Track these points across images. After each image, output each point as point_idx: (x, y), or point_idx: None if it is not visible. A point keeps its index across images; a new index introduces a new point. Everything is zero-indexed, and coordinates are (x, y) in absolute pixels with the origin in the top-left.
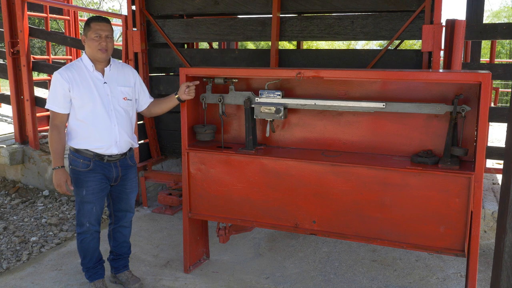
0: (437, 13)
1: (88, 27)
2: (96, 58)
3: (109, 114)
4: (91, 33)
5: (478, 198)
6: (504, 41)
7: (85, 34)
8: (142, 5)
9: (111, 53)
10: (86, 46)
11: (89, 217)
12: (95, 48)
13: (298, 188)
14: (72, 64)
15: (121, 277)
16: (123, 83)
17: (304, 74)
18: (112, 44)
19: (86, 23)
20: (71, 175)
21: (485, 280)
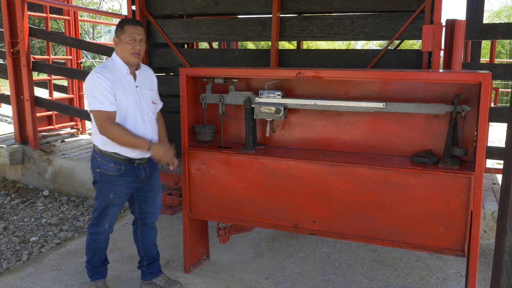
0: (437, 13)
1: (122, 29)
2: (128, 61)
3: (142, 118)
4: (125, 37)
5: (478, 198)
6: (504, 41)
7: (117, 36)
8: (142, 5)
9: (142, 56)
10: (118, 49)
11: (111, 220)
12: (128, 52)
13: (298, 188)
14: (107, 66)
15: (158, 281)
16: (150, 87)
17: (304, 74)
18: (144, 48)
19: (120, 25)
20: (98, 178)
21: (485, 280)
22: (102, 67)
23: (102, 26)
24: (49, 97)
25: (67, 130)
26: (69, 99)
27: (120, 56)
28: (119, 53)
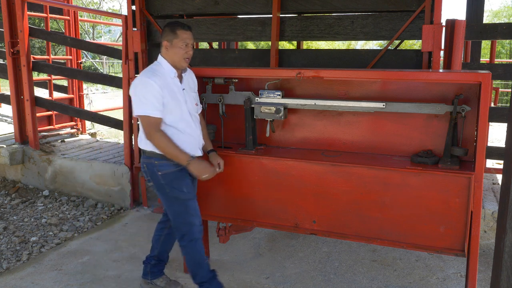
0: (437, 13)
1: (173, 34)
2: (179, 66)
3: (192, 119)
4: (178, 42)
5: (478, 198)
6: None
7: (169, 40)
8: (142, 5)
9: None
10: (169, 53)
11: (198, 215)
12: (181, 56)
13: (298, 188)
14: (155, 70)
15: (159, 282)
16: (193, 89)
17: (304, 74)
18: (192, 52)
19: (171, 29)
20: (164, 181)
21: (485, 280)
22: (151, 71)
23: (102, 26)
24: (49, 97)
25: (67, 130)
26: (69, 99)
27: (169, 60)
28: (169, 57)
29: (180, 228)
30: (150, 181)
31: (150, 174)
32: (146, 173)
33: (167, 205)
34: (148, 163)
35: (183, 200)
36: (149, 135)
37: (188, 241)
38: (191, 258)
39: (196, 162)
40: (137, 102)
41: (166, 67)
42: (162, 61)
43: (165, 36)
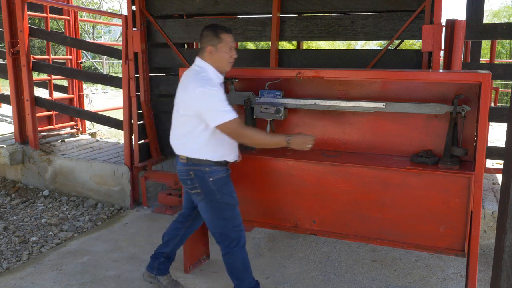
0: (437, 13)
1: (217, 38)
2: (223, 70)
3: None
4: (224, 46)
5: (478, 198)
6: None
7: (213, 45)
8: (142, 5)
9: None
10: (214, 58)
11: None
12: (226, 61)
13: (298, 188)
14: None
15: (162, 279)
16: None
17: (304, 74)
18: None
19: (214, 33)
20: (215, 187)
21: (485, 280)
22: (207, 79)
23: (102, 26)
24: (49, 97)
25: (67, 130)
26: (69, 99)
27: (214, 65)
28: (214, 62)
29: (229, 235)
30: (194, 189)
31: (199, 181)
32: (192, 181)
33: (214, 212)
34: (196, 170)
35: (233, 205)
36: (241, 135)
37: (240, 247)
38: (241, 263)
39: (295, 137)
40: (214, 112)
41: (212, 73)
42: (206, 66)
43: (208, 41)
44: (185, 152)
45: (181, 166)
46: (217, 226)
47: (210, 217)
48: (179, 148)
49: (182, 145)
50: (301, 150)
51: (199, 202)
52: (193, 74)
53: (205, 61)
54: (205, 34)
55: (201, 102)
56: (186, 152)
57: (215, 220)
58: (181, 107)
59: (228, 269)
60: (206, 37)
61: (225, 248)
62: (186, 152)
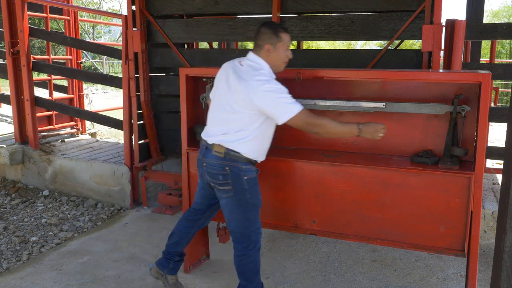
0: (437, 13)
1: (277, 37)
2: (277, 69)
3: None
4: (283, 45)
5: (478, 198)
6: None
7: (272, 44)
8: (142, 5)
9: None
10: (272, 56)
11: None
12: (283, 60)
13: (298, 188)
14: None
15: (170, 279)
16: None
17: (304, 74)
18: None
19: (274, 32)
20: (248, 186)
21: (485, 280)
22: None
23: (102, 26)
24: (49, 97)
25: (67, 130)
26: (69, 99)
27: (270, 63)
28: (271, 61)
29: (250, 236)
30: (225, 185)
31: (233, 178)
32: (225, 176)
33: (241, 212)
34: (233, 166)
35: (258, 207)
36: (314, 125)
37: (257, 249)
38: (254, 266)
39: (367, 126)
40: (283, 106)
41: (269, 71)
42: (263, 64)
43: (267, 39)
44: (228, 144)
45: (216, 160)
46: (240, 226)
47: (234, 216)
48: (220, 140)
49: (225, 137)
50: (373, 139)
51: (225, 199)
52: (251, 69)
53: (261, 58)
54: (263, 31)
55: (266, 100)
56: (229, 144)
57: (240, 219)
58: (236, 102)
59: (240, 269)
60: (265, 35)
61: (243, 249)
62: (229, 145)
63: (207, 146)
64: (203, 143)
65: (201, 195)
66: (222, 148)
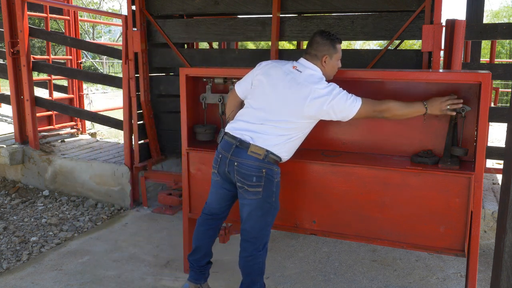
0: (437, 13)
1: (334, 49)
2: (329, 78)
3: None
4: (337, 56)
5: (478, 198)
6: (504, 41)
7: (329, 55)
8: (142, 5)
9: None
10: (328, 66)
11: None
12: (335, 70)
13: (298, 188)
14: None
15: (205, 285)
16: None
17: None
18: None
19: (332, 43)
20: (274, 189)
21: (485, 280)
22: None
23: (102, 26)
24: (49, 97)
25: (67, 130)
26: (69, 99)
27: (324, 73)
28: (326, 71)
29: (263, 238)
30: (256, 187)
31: (266, 180)
32: (259, 178)
33: (262, 213)
34: (269, 169)
35: (277, 210)
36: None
37: (265, 251)
38: (260, 267)
39: (432, 102)
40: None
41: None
42: (320, 73)
43: (326, 50)
44: (270, 147)
45: (254, 161)
46: (256, 227)
47: (254, 217)
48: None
49: (267, 139)
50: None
51: (250, 200)
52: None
53: (317, 67)
54: (322, 42)
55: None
56: (271, 147)
57: (258, 221)
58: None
59: (246, 270)
60: (324, 46)
61: (253, 250)
62: (271, 148)
63: (238, 145)
64: (232, 141)
65: (219, 197)
66: (261, 150)
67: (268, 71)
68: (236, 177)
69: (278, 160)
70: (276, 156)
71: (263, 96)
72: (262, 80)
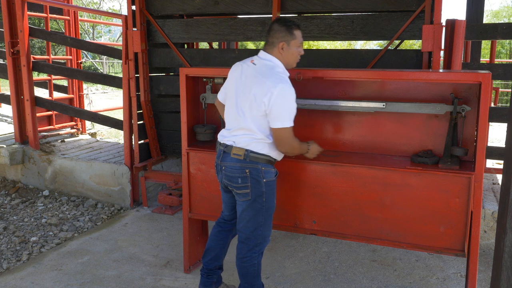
0: (437, 13)
1: (291, 34)
2: (290, 67)
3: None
4: (296, 42)
5: (478, 198)
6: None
7: (286, 41)
8: (142, 5)
9: None
10: (285, 54)
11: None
12: (296, 57)
13: (298, 188)
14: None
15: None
16: None
17: (304, 74)
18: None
19: (288, 29)
20: (265, 189)
21: (485, 280)
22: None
23: (102, 26)
24: (49, 97)
25: (67, 130)
26: (69, 99)
27: (283, 61)
28: (284, 59)
29: (256, 239)
30: (243, 189)
31: (252, 181)
32: (244, 179)
33: (253, 213)
34: (253, 168)
35: (271, 212)
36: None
37: (259, 253)
38: (255, 269)
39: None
40: (286, 113)
41: (284, 71)
42: (278, 63)
43: (282, 36)
44: (248, 145)
45: (235, 163)
46: (248, 228)
47: (245, 216)
48: (240, 142)
49: (244, 139)
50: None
51: (242, 201)
52: (266, 68)
53: (274, 57)
54: (277, 29)
55: (276, 99)
56: (250, 145)
57: (250, 222)
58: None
59: (241, 271)
60: (279, 33)
61: (247, 251)
62: (249, 146)
63: (224, 150)
64: (221, 148)
65: (226, 203)
66: (241, 150)
67: (232, 73)
68: (224, 181)
69: (263, 158)
70: (257, 154)
71: (230, 99)
72: (230, 82)
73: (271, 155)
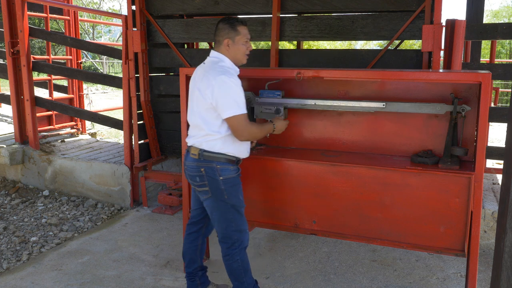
0: (437, 13)
1: (234, 31)
2: (240, 62)
3: None
4: (241, 38)
5: (478, 198)
6: (504, 41)
7: (230, 38)
8: (142, 5)
9: None
10: (231, 50)
11: (246, 222)
12: (243, 53)
13: (298, 188)
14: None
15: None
16: None
17: (304, 74)
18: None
19: (231, 26)
20: (224, 186)
21: (485, 280)
22: (227, 70)
23: (102, 26)
24: (49, 97)
25: (67, 130)
26: (69, 99)
27: (231, 58)
28: (231, 55)
29: (231, 236)
30: (202, 187)
31: (208, 179)
32: (202, 178)
33: (220, 212)
34: (207, 167)
35: (239, 207)
36: (245, 131)
37: (240, 248)
38: (240, 266)
39: (279, 121)
40: (231, 103)
41: (231, 66)
42: (224, 59)
43: (225, 34)
44: (201, 145)
45: (192, 162)
46: (221, 226)
47: (215, 216)
48: (195, 142)
49: (198, 139)
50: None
51: (206, 200)
52: (211, 64)
53: (222, 54)
54: (221, 27)
55: (219, 90)
56: (202, 145)
57: (220, 221)
58: (200, 100)
59: (228, 270)
60: (223, 30)
61: (226, 249)
62: (202, 145)
63: (187, 150)
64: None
65: (194, 200)
66: (196, 150)
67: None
68: (188, 180)
69: (219, 157)
70: (210, 153)
71: (190, 100)
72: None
73: (227, 152)
